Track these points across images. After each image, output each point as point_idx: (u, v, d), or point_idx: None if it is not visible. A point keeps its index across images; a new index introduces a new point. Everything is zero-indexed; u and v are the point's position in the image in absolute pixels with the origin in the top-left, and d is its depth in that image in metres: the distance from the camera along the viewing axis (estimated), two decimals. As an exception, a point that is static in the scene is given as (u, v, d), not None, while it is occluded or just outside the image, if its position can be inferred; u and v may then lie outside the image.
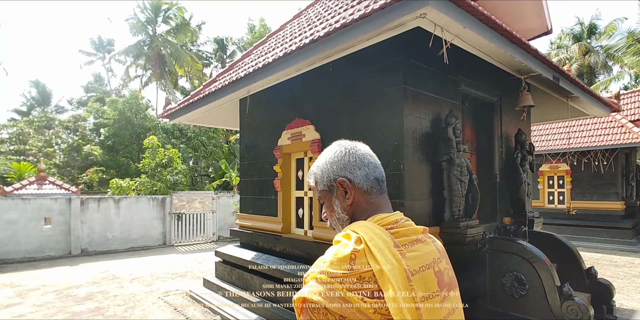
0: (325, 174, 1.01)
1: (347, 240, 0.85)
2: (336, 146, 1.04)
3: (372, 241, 0.82)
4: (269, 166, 5.05)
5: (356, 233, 0.86)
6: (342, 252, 0.82)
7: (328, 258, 0.82)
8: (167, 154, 14.03)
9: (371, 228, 0.87)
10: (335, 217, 1.01)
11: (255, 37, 33.35)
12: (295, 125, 4.54)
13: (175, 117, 5.77)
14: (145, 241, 10.21)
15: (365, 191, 0.97)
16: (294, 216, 4.78)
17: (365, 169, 0.98)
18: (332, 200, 1.00)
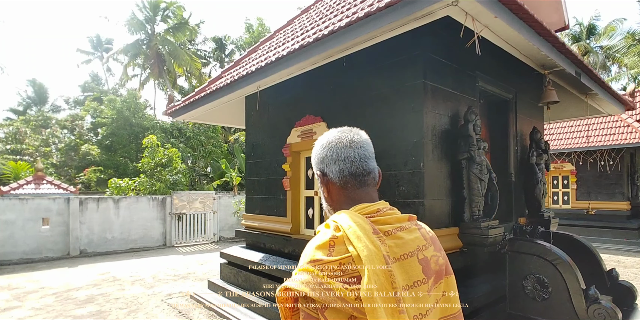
0: (313, 163, 1.05)
1: (326, 229, 0.87)
2: (324, 137, 1.04)
3: (350, 229, 0.82)
4: (277, 165, 4.90)
5: (335, 222, 0.87)
6: (321, 239, 0.83)
7: (309, 249, 0.83)
8: (167, 153, 13.85)
9: (350, 216, 0.86)
10: (324, 204, 1.04)
11: (253, 37, 33.22)
12: (306, 122, 4.40)
13: (179, 114, 5.61)
14: (145, 242, 10.03)
15: (340, 186, 0.97)
16: (304, 217, 4.63)
17: (340, 164, 0.97)
18: (320, 188, 1.04)
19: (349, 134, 1.02)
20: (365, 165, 0.98)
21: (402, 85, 3.39)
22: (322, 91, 4.25)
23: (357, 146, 0.99)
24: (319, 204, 4.43)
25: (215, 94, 4.72)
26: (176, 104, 5.68)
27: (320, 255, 0.80)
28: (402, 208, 3.34)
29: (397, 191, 3.40)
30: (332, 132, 1.04)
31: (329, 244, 0.82)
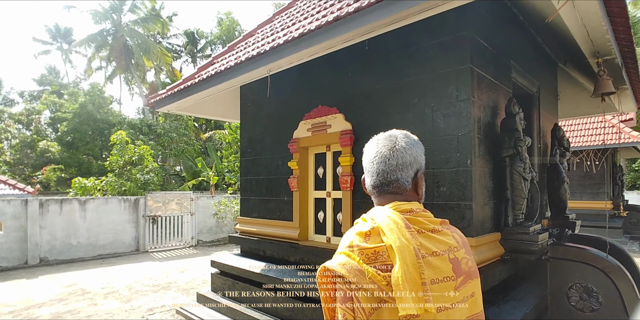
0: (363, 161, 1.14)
1: (363, 222, 0.98)
2: (373, 145, 1.11)
3: (384, 222, 0.91)
4: (281, 162, 4.36)
5: (371, 216, 0.98)
6: (359, 229, 0.94)
7: (349, 235, 0.96)
8: (138, 150, 12.86)
9: (385, 212, 0.96)
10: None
11: (222, 31, 32.14)
12: (318, 114, 3.89)
13: (164, 104, 4.92)
14: (115, 247, 9.11)
15: (372, 192, 1.10)
16: (313, 221, 4.12)
17: (374, 177, 1.07)
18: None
19: (391, 143, 1.06)
20: (391, 176, 1.04)
21: (442, 71, 2.96)
22: (338, 78, 3.76)
23: (395, 156, 1.04)
24: (332, 206, 3.93)
25: (213, 80, 4.10)
26: (160, 93, 4.99)
27: (358, 241, 0.90)
28: (443, 211, 2.91)
29: (436, 192, 2.96)
30: (380, 140, 1.10)
31: (366, 233, 0.91)
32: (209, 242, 10.92)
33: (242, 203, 4.95)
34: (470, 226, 2.76)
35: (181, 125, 21.20)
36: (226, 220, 11.08)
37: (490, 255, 2.91)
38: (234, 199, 11.38)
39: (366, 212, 1.02)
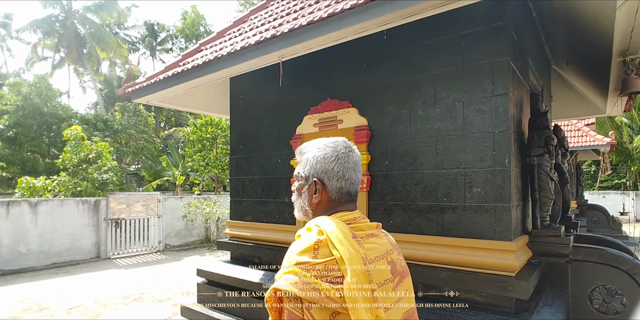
0: (309, 164, 1.04)
1: (309, 233, 0.92)
2: (332, 146, 1.05)
3: (333, 233, 0.89)
4: (280, 160, 3.99)
5: (318, 226, 0.93)
6: (306, 243, 0.89)
7: (294, 251, 0.88)
8: (95, 147, 11.80)
9: (332, 222, 0.93)
10: (301, 205, 1.08)
11: (187, 24, 30.80)
12: (327, 108, 3.57)
13: (143, 94, 4.35)
14: (72, 254, 8.21)
15: (333, 200, 1.03)
16: (318, 224, 3.79)
17: (343, 182, 1.02)
18: (302, 187, 1.07)
19: (352, 152, 1.06)
20: (359, 186, 1.08)
21: (475, 64, 2.76)
22: (351, 69, 3.46)
23: (359, 169, 1.07)
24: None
25: (209, 67, 3.64)
26: (139, 82, 4.42)
27: (307, 257, 0.85)
28: (477, 214, 2.71)
29: (468, 193, 2.75)
30: (339, 144, 1.07)
31: (314, 247, 0.87)
32: (177, 246, 10.21)
33: (232, 205, 4.52)
34: (509, 229, 2.58)
35: (140, 121, 19.89)
36: (196, 223, 10.41)
37: (524, 259, 2.76)
38: (204, 200, 10.73)
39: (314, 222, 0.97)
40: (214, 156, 15.20)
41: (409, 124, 3.07)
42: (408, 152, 3.07)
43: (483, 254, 2.66)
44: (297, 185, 1.09)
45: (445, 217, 2.86)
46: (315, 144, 1.08)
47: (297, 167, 1.09)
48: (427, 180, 2.96)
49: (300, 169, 1.07)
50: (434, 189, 2.92)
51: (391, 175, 3.16)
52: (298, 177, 1.08)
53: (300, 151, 1.11)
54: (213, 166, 14.87)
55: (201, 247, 10.46)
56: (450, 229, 2.83)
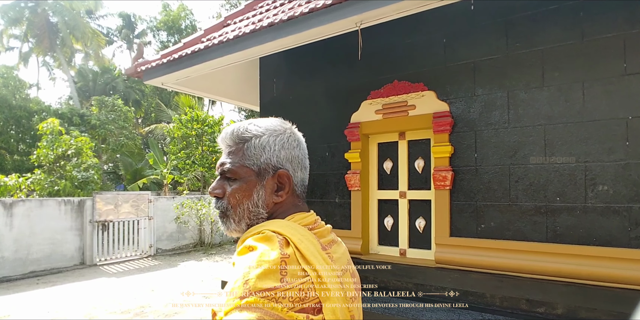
0: (267, 151, 0.74)
1: (266, 245, 0.62)
2: (286, 126, 0.79)
3: (302, 243, 0.65)
4: (329, 154, 3.41)
5: (277, 233, 0.65)
6: (266, 260, 0.59)
7: (250, 272, 0.57)
8: (74, 142, 10.77)
9: (295, 228, 0.69)
10: (247, 208, 0.74)
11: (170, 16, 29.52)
12: (393, 91, 3.03)
13: (158, 74, 3.66)
14: (53, 261, 7.29)
15: (297, 195, 0.79)
16: (376, 228, 3.24)
17: (305, 172, 0.80)
18: (254, 186, 0.74)
19: (297, 133, 0.81)
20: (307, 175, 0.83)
21: (599, 37, 2.29)
22: (426, 45, 2.94)
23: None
24: (407, 210, 3.09)
25: (248, 41, 3.03)
26: (153, 60, 3.73)
27: (272, 281, 0.56)
28: (603, 217, 2.24)
29: (590, 191, 2.28)
30: (287, 125, 0.80)
31: (280, 265, 0.59)
32: (169, 250, 9.38)
33: (263, 206, 3.89)
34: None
35: (120, 116, 18.69)
36: (190, 225, 9.62)
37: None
38: (198, 200, 9.95)
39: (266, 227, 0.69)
40: (199, 154, 14.37)
41: (506, 110, 2.58)
42: (505, 142, 2.57)
43: (611, 265, 2.20)
44: (238, 185, 0.75)
45: (559, 221, 2.37)
46: (267, 125, 0.78)
47: (232, 158, 0.76)
48: (531, 176, 2.47)
49: (246, 159, 0.75)
50: (542, 186, 2.43)
51: (482, 170, 2.65)
52: (238, 173, 0.75)
53: (238, 136, 0.77)
54: (199, 164, 14.03)
55: (195, 251, 9.68)
56: (565, 234, 2.35)
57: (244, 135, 0.75)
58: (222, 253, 9.18)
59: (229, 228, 0.76)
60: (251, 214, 0.74)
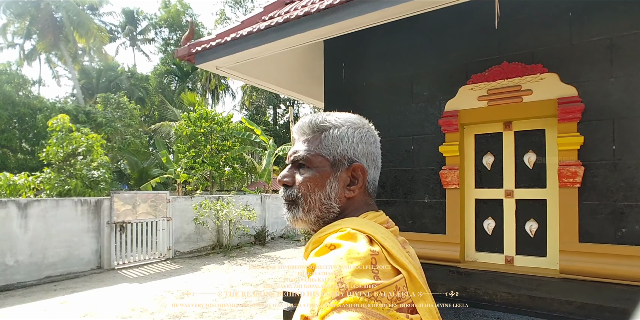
0: (344, 143, 0.72)
1: (351, 242, 0.59)
2: (364, 122, 0.77)
3: (387, 240, 0.62)
4: (415, 147, 3.00)
5: (359, 231, 0.62)
6: (356, 257, 0.55)
7: (342, 269, 0.53)
8: (85, 140, 10.31)
9: (375, 226, 0.65)
10: (318, 199, 0.71)
11: (171, 13, 29.16)
12: (502, 74, 2.62)
13: (215, 56, 3.21)
14: (70, 265, 6.82)
15: (368, 193, 0.75)
16: (473, 232, 2.83)
17: (377, 171, 0.77)
18: (327, 177, 0.71)
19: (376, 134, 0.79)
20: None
21: None
22: (543, 19, 2.54)
23: None
24: (514, 211, 2.68)
25: (328, 15, 2.61)
26: (207, 40, 3.29)
27: (368, 278, 0.53)
28: None
29: None
30: (365, 121, 0.78)
31: (371, 262, 0.56)
32: (187, 253, 8.93)
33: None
34: None
35: (125, 114, 18.22)
36: (209, 226, 9.18)
37: None
38: (216, 200, 9.51)
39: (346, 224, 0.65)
40: (208, 152, 13.93)
41: (658, 94, 2.17)
42: (657, 132, 2.17)
43: None
44: (311, 174, 0.71)
45: None
46: (347, 118, 0.75)
47: (307, 146, 0.72)
48: (694, 171, 2.06)
49: (322, 148, 0.71)
50: None
51: (623, 164, 2.25)
52: (313, 161, 0.71)
53: (317, 124, 0.73)
54: (208, 163, 13.58)
55: (214, 253, 9.22)
56: None
57: (323, 124, 0.73)
58: (242, 256, 8.73)
59: (296, 217, 0.72)
60: (323, 206, 0.70)
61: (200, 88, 26.53)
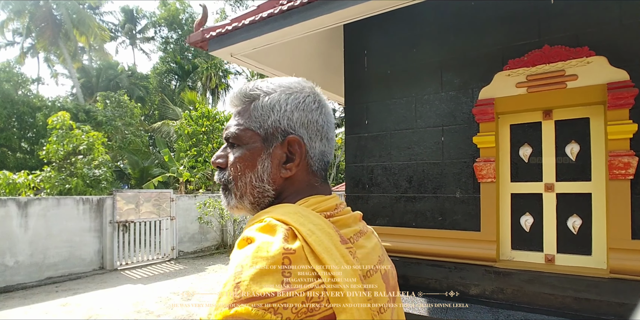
0: (276, 111, 0.59)
1: (266, 236, 0.48)
2: (307, 85, 0.64)
3: (314, 235, 0.49)
4: (445, 138, 2.81)
5: (284, 223, 0.50)
6: (263, 256, 0.44)
7: (244, 272, 0.43)
8: (86, 138, 10.10)
9: (306, 215, 0.52)
10: (249, 182, 0.60)
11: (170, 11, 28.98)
12: (542, 59, 2.43)
13: (231, 42, 3.00)
14: (71, 266, 6.62)
15: (312, 171, 0.61)
16: (509, 229, 2.64)
17: (326, 144, 0.62)
18: (259, 155, 0.59)
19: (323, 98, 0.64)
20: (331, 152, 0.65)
21: None
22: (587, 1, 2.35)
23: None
24: (555, 206, 2.50)
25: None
26: (221, 24, 3.10)
27: (270, 285, 0.42)
28: None
29: None
30: (309, 85, 0.64)
31: (282, 263, 0.44)
32: (191, 253, 8.73)
33: (349, 203, 3.27)
34: None
35: (126, 113, 18.01)
36: (213, 225, 8.98)
37: None
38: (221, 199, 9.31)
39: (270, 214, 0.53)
40: (210, 151, 13.74)
41: None
42: None
43: None
44: (241, 152, 0.60)
45: None
46: (281, 82, 0.62)
47: (237, 120, 0.61)
48: None
49: (252, 121, 0.60)
50: None
51: (683, 154, 2.06)
52: (242, 137, 0.60)
53: (245, 93, 0.61)
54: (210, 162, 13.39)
55: (218, 253, 9.03)
56: None
57: (252, 92, 0.61)
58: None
59: (230, 204, 0.63)
60: (255, 190, 0.60)
61: (201, 87, 26.31)
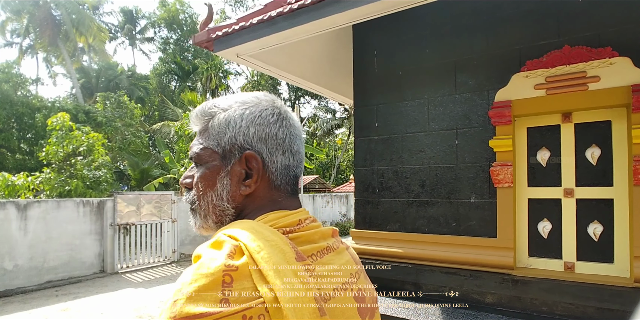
0: (232, 128, 0.58)
1: (213, 251, 0.47)
2: (265, 99, 0.61)
3: (262, 252, 0.46)
4: (460, 141, 2.72)
5: (232, 238, 0.48)
6: (203, 273, 0.43)
7: (181, 290, 0.43)
8: (86, 139, 10.00)
9: (260, 231, 0.50)
10: (210, 201, 0.59)
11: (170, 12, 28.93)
12: (563, 60, 2.35)
13: (237, 42, 2.91)
14: (71, 269, 6.52)
15: (275, 187, 0.59)
16: (526, 236, 2.56)
17: (291, 157, 0.60)
18: (217, 173, 0.58)
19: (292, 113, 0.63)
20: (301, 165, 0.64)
21: None
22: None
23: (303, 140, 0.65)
24: (575, 212, 2.41)
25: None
26: (227, 24, 3.01)
27: (206, 304, 0.41)
28: None
29: None
30: (270, 98, 0.62)
31: (223, 282, 0.43)
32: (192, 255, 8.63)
33: (359, 209, 3.19)
34: None
35: (126, 113, 17.91)
36: (215, 228, 8.88)
37: None
38: (222, 201, 9.21)
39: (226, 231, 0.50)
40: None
41: None
42: None
43: None
44: (201, 172, 0.59)
45: None
46: (238, 97, 0.61)
47: (197, 140, 0.61)
48: None
49: (210, 141, 0.58)
50: None
51: None
52: (202, 157, 0.59)
53: (203, 111, 0.60)
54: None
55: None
56: None
57: (210, 110, 0.60)
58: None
59: (196, 224, 0.63)
60: (216, 209, 0.58)
61: (201, 88, 26.23)
